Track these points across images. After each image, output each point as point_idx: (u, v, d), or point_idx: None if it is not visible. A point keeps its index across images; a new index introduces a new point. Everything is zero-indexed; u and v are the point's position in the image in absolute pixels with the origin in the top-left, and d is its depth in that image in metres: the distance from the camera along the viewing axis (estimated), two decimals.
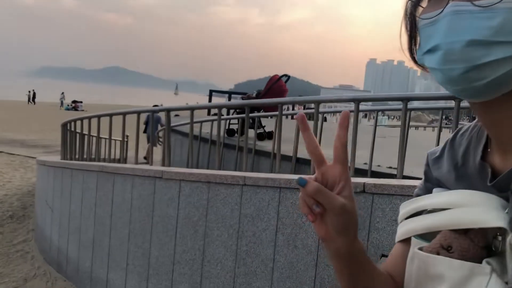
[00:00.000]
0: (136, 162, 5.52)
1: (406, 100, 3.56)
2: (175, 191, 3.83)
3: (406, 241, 0.72)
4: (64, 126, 7.65)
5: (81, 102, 44.41)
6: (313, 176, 0.66)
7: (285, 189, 2.96)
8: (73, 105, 42.84)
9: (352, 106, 4.07)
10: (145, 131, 12.63)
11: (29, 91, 49.12)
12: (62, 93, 47.13)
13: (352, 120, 4.63)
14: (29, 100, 48.34)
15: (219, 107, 4.98)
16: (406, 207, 0.72)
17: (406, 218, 0.72)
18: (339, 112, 13.10)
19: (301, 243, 2.88)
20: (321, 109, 5.11)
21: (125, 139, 6.92)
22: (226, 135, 7.45)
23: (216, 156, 4.87)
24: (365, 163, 4.96)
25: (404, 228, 0.72)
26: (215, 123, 6.49)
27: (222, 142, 5.27)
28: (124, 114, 5.64)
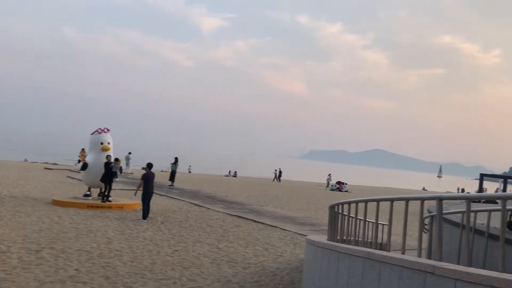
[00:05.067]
0: (403, 252, 5.25)
1: None
2: None
3: None
4: (332, 208, 8.01)
5: (346, 183, 46.50)
6: None
7: None
8: (338, 186, 45.23)
9: None
10: None
11: (275, 170, 53.52)
12: (329, 174, 50.28)
13: None
14: (274, 178, 52.59)
15: (504, 198, 4.32)
16: None
17: None
18: None
19: None
20: None
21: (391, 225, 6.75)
22: (508, 229, 6.44)
23: (499, 254, 4.20)
24: None
25: None
26: (494, 213, 5.69)
27: (503, 237, 4.54)
28: (391, 200, 5.53)
